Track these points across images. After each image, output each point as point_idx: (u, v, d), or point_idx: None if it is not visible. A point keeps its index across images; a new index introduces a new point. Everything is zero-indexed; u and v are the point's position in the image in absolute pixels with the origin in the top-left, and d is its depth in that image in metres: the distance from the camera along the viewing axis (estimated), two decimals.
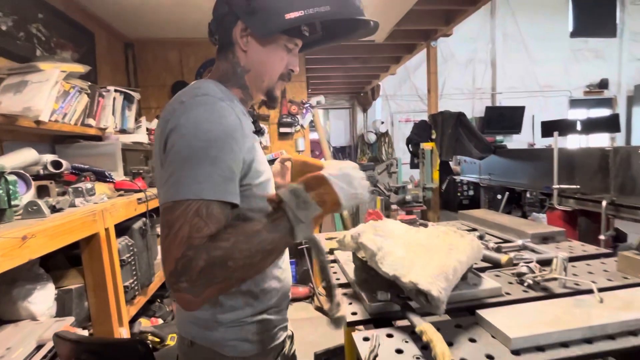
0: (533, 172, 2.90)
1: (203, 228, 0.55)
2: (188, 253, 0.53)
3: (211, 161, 0.59)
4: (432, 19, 3.13)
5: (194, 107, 0.62)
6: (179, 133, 0.60)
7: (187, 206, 0.56)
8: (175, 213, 0.56)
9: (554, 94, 7.34)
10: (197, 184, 0.57)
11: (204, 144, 0.59)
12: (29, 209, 1.07)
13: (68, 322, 1.13)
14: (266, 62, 0.73)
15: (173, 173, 0.59)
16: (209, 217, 0.56)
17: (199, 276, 0.52)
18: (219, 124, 0.61)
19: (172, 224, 0.56)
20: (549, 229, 1.23)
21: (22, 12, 1.73)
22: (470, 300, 0.78)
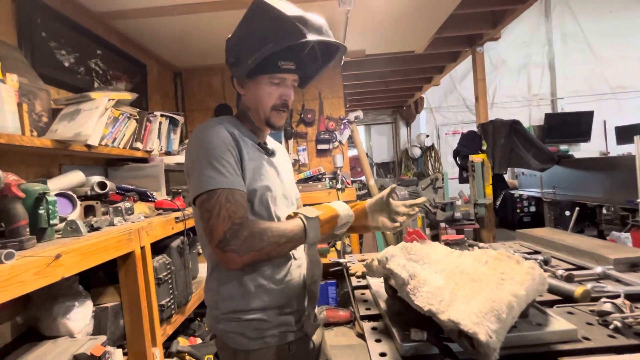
0: (610, 183, 2.49)
1: (237, 210, 0.77)
2: (234, 227, 0.75)
3: (219, 162, 0.80)
4: (476, 23, 2.93)
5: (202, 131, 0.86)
6: (193, 150, 0.84)
7: (218, 196, 0.77)
8: (211, 202, 0.77)
9: (629, 95, 6.46)
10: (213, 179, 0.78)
11: (211, 151, 0.81)
12: (68, 228, 1.12)
13: (100, 340, 1.14)
14: (257, 98, 0.91)
15: (194, 174, 0.81)
16: (237, 203, 0.78)
17: (244, 241, 0.75)
18: (216, 137, 0.84)
19: (212, 209, 0.76)
20: (639, 253, 0.98)
21: (83, 49, 1.93)
22: (534, 346, 0.61)
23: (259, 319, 0.85)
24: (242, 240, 0.74)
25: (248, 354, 0.85)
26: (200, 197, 0.78)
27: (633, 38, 6.36)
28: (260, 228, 0.77)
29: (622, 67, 6.43)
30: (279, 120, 0.94)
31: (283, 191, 0.96)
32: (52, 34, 1.71)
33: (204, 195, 0.77)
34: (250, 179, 0.85)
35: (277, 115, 0.93)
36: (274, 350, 0.86)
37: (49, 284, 0.92)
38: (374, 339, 0.69)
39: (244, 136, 0.91)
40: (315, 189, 2.86)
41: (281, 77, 0.90)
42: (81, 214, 1.39)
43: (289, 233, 0.80)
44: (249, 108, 0.94)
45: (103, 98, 1.61)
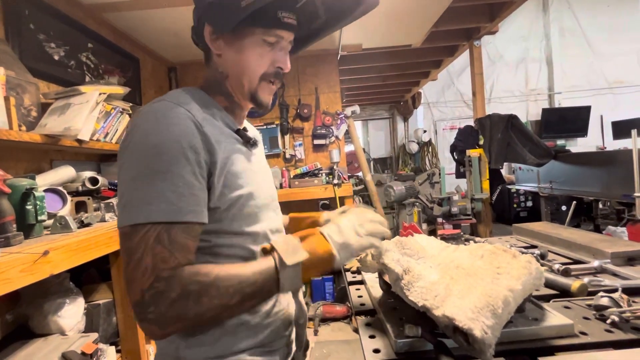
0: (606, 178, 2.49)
1: (169, 259, 0.51)
2: (157, 285, 0.49)
3: (162, 177, 0.53)
4: (474, 16, 2.90)
5: (144, 118, 0.56)
6: (128, 150, 0.55)
7: (146, 232, 0.51)
8: (134, 240, 0.51)
9: (626, 90, 6.46)
10: (147, 205, 0.51)
11: (152, 159, 0.53)
12: (57, 224, 1.09)
13: (92, 338, 1.12)
14: (241, 62, 0.65)
15: (123, 194, 0.54)
16: (172, 245, 0.52)
17: (168, 309, 0.49)
18: (167, 133, 0.54)
19: (132, 252, 0.51)
20: (636, 247, 0.97)
21: (73, 42, 1.89)
22: (530, 341, 0.60)
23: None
24: (165, 307, 0.49)
25: None
26: (123, 229, 0.52)
27: (631, 33, 6.35)
28: (201, 283, 0.51)
29: (620, 62, 6.42)
30: (268, 95, 0.69)
31: (268, 193, 0.73)
32: (41, 26, 1.67)
33: (126, 227, 0.52)
34: (227, 186, 0.60)
35: (266, 88, 0.68)
36: None
37: (37, 281, 0.90)
38: (367, 335, 0.68)
39: (217, 120, 0.63)
40: (312, 184, 2.84)
41: (279, 35, 0.65)
42: (72, 210, 1.36)
43: (249, 287, 0.53)
44: (227, 75, 0.67)
45: (94, 92, 1.58)
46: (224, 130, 0.64)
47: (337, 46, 2.95)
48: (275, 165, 3.08)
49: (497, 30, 3.18)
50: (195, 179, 0.55)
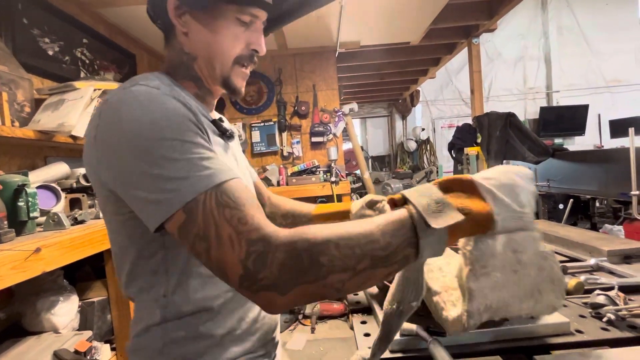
0: (604, 176, 2.49)
1: (245, 217, 0.42)
2: (254, 248, 0.40)
3: (183, 148, 0.45)
4: (472, 13, 2.89)
5: (126, 102, 0.47)
6: (122, 141, 0.46)
7: (204, 205, 0.42)
8: (197, 220, 0.42)
9: (624, 89, 6.47)
10: (184, 179, 0.43)
11: (160, 136, 0.45)
12: (50, 221, 1.08)
13: (85, 336, 1.11)
14: (213, 43, 0.57)
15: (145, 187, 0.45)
16: (238, 203, 0.43)
17: (281, 271, 0.39)
18: (162, 111, 0.47)
19: (204, 233, 0.42)
20: (633, 245, 0.97)
21: (68, 38, 1.87)
22: (527, 339, 0.60)
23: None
24: (277, 266, 0.39)
25: None
26: (174, 221, 0.44)
27: (629, 31, 6.36)
28: (310, 240, 0.40)
29: (618, 61, 6.43)
30: (241, 80, 0.62)
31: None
32: (35, 21, 1.65)
33: (178, 215, 0.43)
34: None
35: (240, 73, 0.61)
36: None
37: (29, 279, 0.89)
38: (362, 332, 0.67)
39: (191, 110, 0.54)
40: (310, 182, 2.83)
41: (254, 14, 0.59)
42: (66, 207, 1.35)
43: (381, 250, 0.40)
44: (194, 58, 0.59)
45: (88, 88, 1.56)
46: (204, 121, 0.55)
47: (335, 43, 2.94)
48: (273, 162, 3.07)
49: (495, 28, 3.17)
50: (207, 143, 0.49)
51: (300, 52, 3.02)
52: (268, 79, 3.05)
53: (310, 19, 2.42)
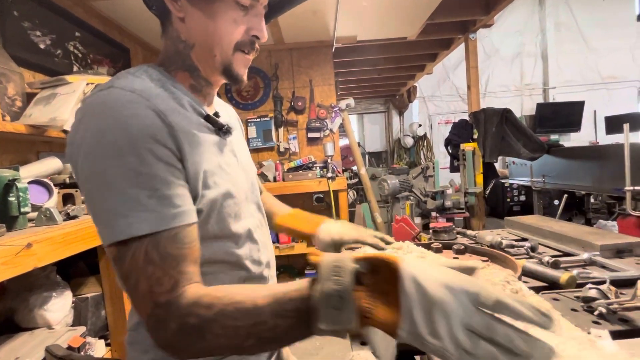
0: (598, 172, 2.51)
1: (163, 279, 0.44)
2: (157, 312, 0.43)
3: (132, 181, 0.44)
4: (469, 9, 2.88)
5: (94, 111, 0.47)
6: (82, 152, 0.46)
7: (133, 253, 0.44)
8: (125, 264, 0.44)
9: (620, 85, 6.50)
10: (123, 217, 0.44)
11: (115, 162, 0.44)
12: (42, 216, 1.07)
13: (79, 332, 1.11)
14: (212, 29, 0.54)
15: (93, 208, 0.47)
16: (164, 261, 0.44)
17: (173, 338, 0.43)
18: (127, 128, 0.45)
19: (126, 278, 0.45)
20: (625, 239, 0.98)
21: (60, 31, 1.84)
22: None
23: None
24: (171, 334, 0.43)
25: None
26: (109, 250, 0.45)
27: (625, 28, 6.37)
28: (201, 319, 0.42)
29: (614, 57, 6.46)
30: (243, 67, 0.59)
31: (247, 184, 0.65)
32: (26, 14, 1.62)
33: (112, 248, 0.45)
34: (203, 186, 0.52)
35: (242, 60, 0.58)
36: None
37: (21, 274, 0.88)
38: None
39: (182, 106, 0.54)
40: (306, 177, 2.82)
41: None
42: (59, 202, 1.33)
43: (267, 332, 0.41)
44: (192, 45, 0.56)
45: (81, 82, 1.54)
46: (193, 118, 0.55)
47: (331, 38, 2.92)
48: (269, 158, 3.06)
49: (492, 23, 3.16)
50: (171, 175, 0.47)
51: (296, 47, 2.99)
52: (264, 73, 3.03)
53: (307, 13, 2.40)
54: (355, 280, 0.38)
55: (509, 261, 0.78)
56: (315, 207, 3.09)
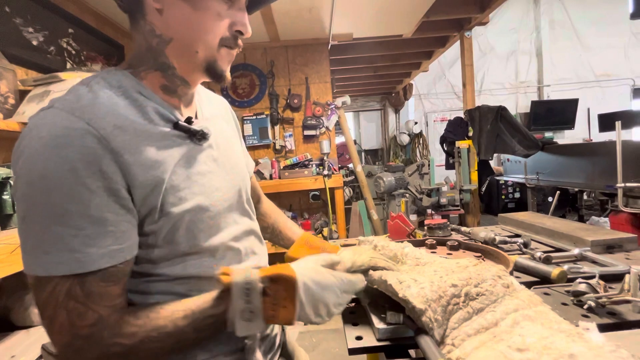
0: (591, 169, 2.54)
1: (85, 314, 0.43)
2: (76, 343, 0.43)
3: (58, 219, 0.42)
4: (464, 6, 2.89)
5: (30, 136, 0.43)
6: (16, 176, 0.44)
7: (54, 288, 0.42)
8: (43, 294, 0.42)
9: (613, 83, 6.56)
10: (45, 254, 0.42)
11: (42, 197, 0.42)
12: None
13: None
14: (195, 21, 0.50)
15: (20, 234, 0.45)
16: (88, 297, 0.43)
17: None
18: (57, 160, 0.42)
19: (43, 307, 0.43)
20: (615, 235, 0.99)
21: (53, 27, 1.82)
22: None
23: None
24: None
25: None
26: (29, 277, 0.44)
27: (619, 26, 6.43)
28: (124, 345, 0.43)
29: (607, 55, 6.51)
30: (227, 64, 0.56)
31: (233, 193, 0.61)
32: (18, 10, 1.60)
33: (31, 277, 0.43)
34: (165, 204, 0.50)
35: (227, 56, 0.55)
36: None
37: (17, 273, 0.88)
38: (351, 322, 0.68)
39: (144, 116, 0.50)
40: (302, 175, 2.83)
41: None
42: None
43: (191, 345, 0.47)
44: (169, 40, 0.52)
45: (75, 79, 1.52)
46: (156, 130, 0.50)
47: (327, 35, 2.91)
48: (265, 156, 3.06)
49: (487, 21, 3.18)
50: (107, 210, 0.44)
51: (292, 44, 2.99)
52: (260, 71, 3.02)
53: (303, 10, 2.40)
54: (262, 294, 0.48)
55: (501, 257, 0.79)
56: (312, 205, 3.10)
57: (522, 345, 0.46)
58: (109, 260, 0.45)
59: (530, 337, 0.48)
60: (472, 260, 0.68)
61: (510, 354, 0.46)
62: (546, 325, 0.51)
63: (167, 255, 0.52)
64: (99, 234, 0.44)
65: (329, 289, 0.52)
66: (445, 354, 0.51)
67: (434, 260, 0.72)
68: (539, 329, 0.50)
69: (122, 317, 0.45)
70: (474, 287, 0.58)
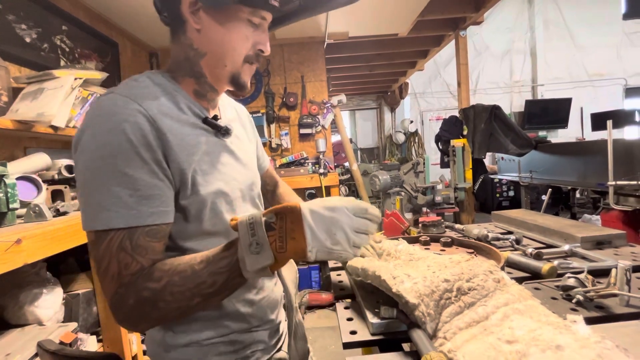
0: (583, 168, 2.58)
1: (131, 264, 0.51)
2: (119, 291, 0.51)
3: (117, 180, 0.51)
4: (459, 6, 2.91)
5: (93, 114, 0.54)
6: (79, 149, 0.53)
7: (110, 240, 0.50)
8: (101, 248, 0.51)
9: (606, 83, 6.64)
10: (105, 211, 0.50)
11: (105, 161, 0.51)
12: (31, 213, 1.06)
13: (70, 327, 1.11)
14: (226, 41, 0.61)
15: (81, 198, 0.53)
16: (135, 250, 0.51)
17: (130, 313, 0.50)
18: (117, 132, 0.51)
19: (100, 260, 0.51)
20: (605, 232, 1.01)
21: (46, 24, 1.81)
22: None
23: (226, 342, 0.65)
24: (128, 309, 0.50)
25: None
26: (88, 234, 0.52)
27: (611, 26, 6.50)
28: (152, 291, 0.50)
29: (600, 55, 6.58)
30: (248, 76, 0.67)
31: (244, 183, 0.70)
32: (10, 7, 1.58)
33: (91, 233, 0.52)
34: (193, 185, 0.58)
35: (248, 70, 0.66)
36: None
37: (11, 271, 0.88)
38: (346, 317, 0.69)
39: (180, 109, 0.60)
40: (298, 174, 2.83)
41: (263, 16, 0.64)
42: (48, 199, 1.32)
43: (208, 288, 0.51)
44: (204, 54, 0.62)
45: (69, 76, 1.51)
46: (189, 121, 0.61)
47: (323, 34, 2.91)
48: None
49: (482, 21, 3.20)
50: (155, 177, 0.53)
51: (288, 43, 2.98)
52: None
53: None
54: (267, 228, 0.50)
55: (493, 253, 0.80)
56: None
57: (512, 337, 0.47)
58: (156, 218, 0.53)
59: (519, 329, 0.49)
60: (464, 256, 0.69)
61: (499, 346, 0.47)
62: (535, 318, 0.53)
63: (195, 232, 0.60)
64: (149, 195, 0.53)
65: (338, 210, 0.51)
66: (437, 347, 0.52)
67: (427, 256, 0.74)
68: (527, 322, 0.51)
69: (154, 266, 0.52)
70: (466, 282, 0.59)
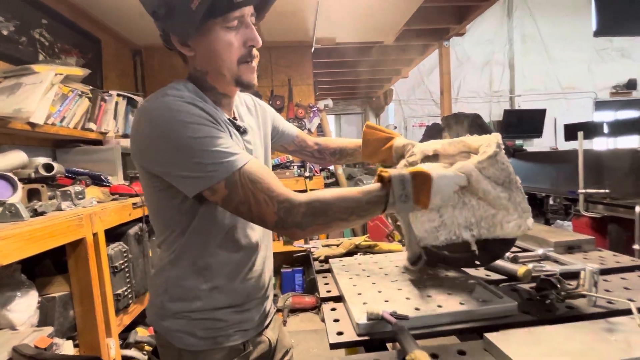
0: (556, 176, 2.70)
1: (271, 186, 0.62)
2: (283, 206, 0.61)
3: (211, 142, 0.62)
4: (443, 17, 3.01)
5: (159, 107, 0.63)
6: (160, 136, 0.62)
7: (240, 181, 0.61)
8: (239, 192, 0.61)
9: (577, 95, 7.00)
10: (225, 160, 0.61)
11: (193, 133, 0.61)
12: (7, 212, 1.02)
13: (46, 332, 1.06)
14: (214, 56, 0.68)
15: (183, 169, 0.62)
16: (264, 177, 0.63)
17: (303, 218, 0.62)
18: (189, 113, 0.63)
19: (246, 200, 0.62)
20: (575, 237, 1.08)
21: (24, 17, 1.74)
22: (480, 320, 0.66)
23: (212, 318, 0.74)
24: (301, 216, 0.61)
25: (196, 355, 0.73)
26: (218, 194, 0.62)
27: (584, 42, 6.87)
28: (322, 202, 0.62)
29: (572, 69, 6.94)
30: (251, 74, 0.72)
31: None
32: None
33: (221, 190, 0.61)
34: None
35: (247, 69, 0.71)
36: (226, 351, 0.75)
37: None
38: (332, 318, 0.71)
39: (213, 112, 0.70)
40: (284, 176, 2.83)
41: (238, 16, 0.66)
42: (24, 198, 1.27)
43: (362, 211, 0.64)
44: (206, 72, 0.70)
45: (49, 72, 1.47)
46: (222, 117, 0.72)
47: (311, 38, 2.94)
48: None
49: (464, 32, 3.32)
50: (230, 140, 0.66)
51: (276, 46, 2.99)
52: None
53: (286, 13, 2.41)
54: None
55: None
56: None
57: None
58: (248, 156, 0.65)
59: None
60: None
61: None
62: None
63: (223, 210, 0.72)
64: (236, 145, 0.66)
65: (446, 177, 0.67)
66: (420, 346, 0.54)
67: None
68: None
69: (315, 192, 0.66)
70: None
